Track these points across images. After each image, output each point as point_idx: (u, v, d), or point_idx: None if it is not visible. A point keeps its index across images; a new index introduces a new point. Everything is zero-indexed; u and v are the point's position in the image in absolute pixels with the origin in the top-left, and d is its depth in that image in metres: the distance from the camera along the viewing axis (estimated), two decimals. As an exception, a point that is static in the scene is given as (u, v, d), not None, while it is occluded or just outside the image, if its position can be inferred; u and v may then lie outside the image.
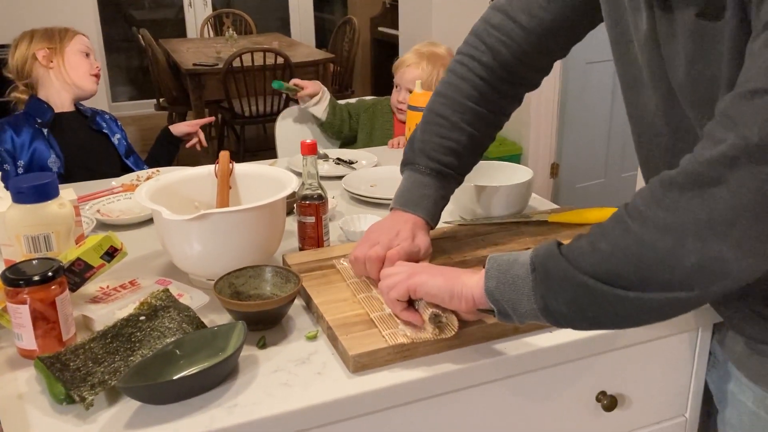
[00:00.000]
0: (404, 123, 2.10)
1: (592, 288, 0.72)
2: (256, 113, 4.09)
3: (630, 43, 0.87)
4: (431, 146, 1.09)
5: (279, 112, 4.11)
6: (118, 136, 2.00)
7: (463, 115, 1.09)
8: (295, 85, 2.12)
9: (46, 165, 1.82)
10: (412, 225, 1.06)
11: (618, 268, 0.70)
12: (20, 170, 1.80)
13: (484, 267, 0.84)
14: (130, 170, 1.91)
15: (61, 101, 1.91)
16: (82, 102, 1.99)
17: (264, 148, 4.67)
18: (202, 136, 2.06)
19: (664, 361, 1.07)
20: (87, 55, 1.93)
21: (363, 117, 2.23)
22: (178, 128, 2.05)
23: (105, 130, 1.97)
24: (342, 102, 2.23)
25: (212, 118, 2.40)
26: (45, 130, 1.86)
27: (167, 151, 2.05)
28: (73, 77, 1.90)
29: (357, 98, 2.31)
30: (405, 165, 1.13)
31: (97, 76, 1.96)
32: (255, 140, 4.99)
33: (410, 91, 2.04)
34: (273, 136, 4.66)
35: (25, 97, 1.89)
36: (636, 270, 0.69)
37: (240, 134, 4.44)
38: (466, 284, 0.85)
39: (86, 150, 1.91)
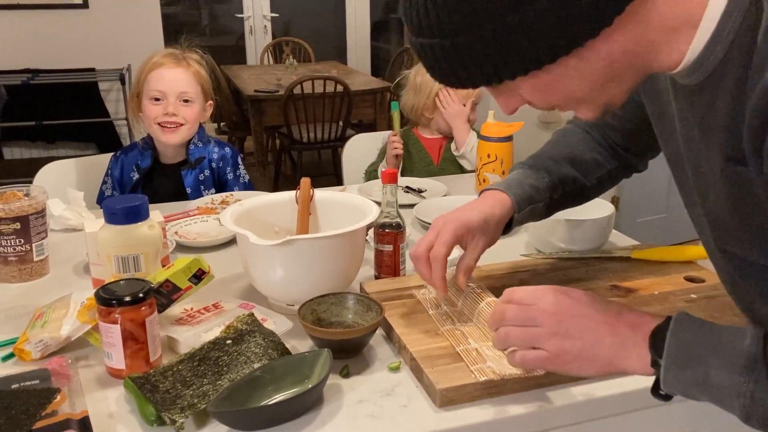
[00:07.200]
0: (435, 137, 2.16)
1: None
2: (314, 140, 4.14)
3: (672, 130, 0.83)
4: (532, 157, 1.14)
5: (337, 139, 4.20)
6: (203, 175, 1.80)
7: (567, 138, 1.14)
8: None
9: None
10: (489, 200, 1.04)
11: None
12: None
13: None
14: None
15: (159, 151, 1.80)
16: (200, 139, 1.80)
17: (320, 174, 4.71)
18: None
19: None
20: (157, 99, 1.71)
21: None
22: None
23: (189, 186, 1.78)
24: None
25: None
26: (137, 176, 1.78)
27: None
28: (146, 128, 1.75)
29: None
30: None
31: (163, 124, 1.71)
32: (310, 166, 5.05)
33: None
34: (328, 162, 4.73)
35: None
36: None
37: (297, 160, 4.50)
38: (627, 369, 0.76)
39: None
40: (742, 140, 0.64)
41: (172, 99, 1.71)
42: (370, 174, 2.16)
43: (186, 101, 1.73)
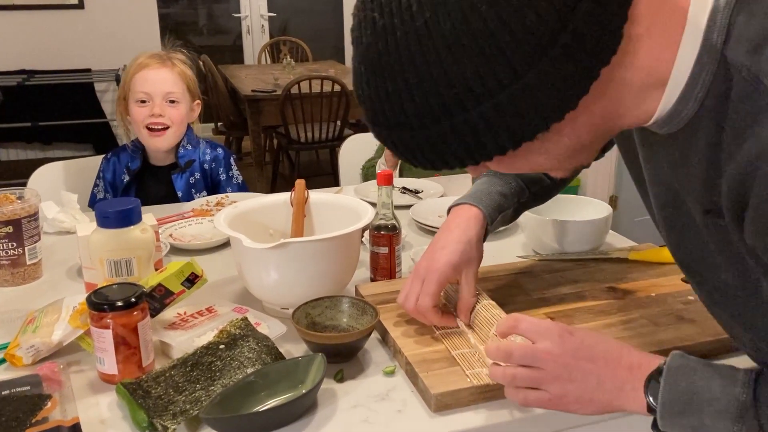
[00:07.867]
0: None
1: None
2: (312, 139, 4.13)
3: (635, 157, 0.82)
4: None
5: (335, 138, 4.19)
6: (194, 178, 1.78)
7: None
8: None
9: None
10: (462, 221, 1.02)
11: None
12: None
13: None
14: None
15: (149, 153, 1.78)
16: (190, 141, 1.78)
17: (317, 174, 4.70)
18: None
19: None
20: (143, 101, 1.69)
21: None
22: None
23: (180, 190, 1.76)
24: None
25: None
26: (127, 178, 1.76)
27: None
28: (136, 132, 1.72)
29: None
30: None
31: (150, 126, 1.69)
32: (308, 166, 5.04)
33: None
34: (326, 161, 4.72)
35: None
36: None
37: (295, 160, 4.49)
38: (626, 410, 0.78)
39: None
40: (719, 196, 0.63)
41: (158, 100, 1.69)
42: (368, 170, 2.15)
43: (172, 102, 1.71)
